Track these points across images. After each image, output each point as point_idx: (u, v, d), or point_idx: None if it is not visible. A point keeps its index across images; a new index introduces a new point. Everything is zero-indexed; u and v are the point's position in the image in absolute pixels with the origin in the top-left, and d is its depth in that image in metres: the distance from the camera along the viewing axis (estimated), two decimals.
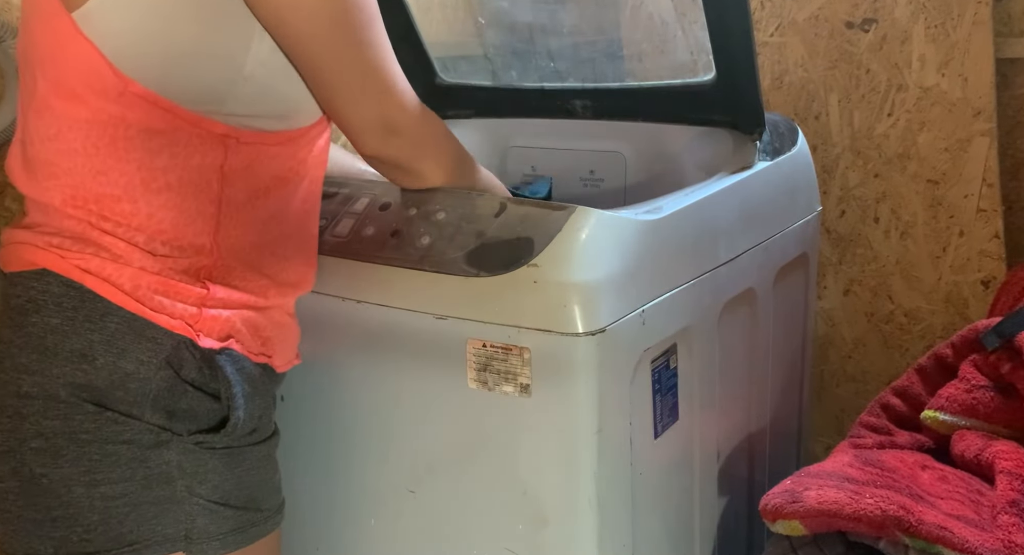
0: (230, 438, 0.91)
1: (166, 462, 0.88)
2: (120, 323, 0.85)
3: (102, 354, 0.85)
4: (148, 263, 0.87)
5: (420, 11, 1.52)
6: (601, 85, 1.48)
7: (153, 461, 0.87)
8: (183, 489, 0.89)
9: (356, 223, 1.08)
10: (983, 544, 0.95)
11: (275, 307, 0.97)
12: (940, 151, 1.59)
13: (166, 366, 0.86)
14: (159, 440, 0.87)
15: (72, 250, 0.86)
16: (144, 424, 0.86)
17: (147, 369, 0.86)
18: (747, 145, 1.28)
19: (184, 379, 0.88)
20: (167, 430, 0.87)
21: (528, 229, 0.98)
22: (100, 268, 0.86)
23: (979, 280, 1.61)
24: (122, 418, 0.86)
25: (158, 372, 0.86)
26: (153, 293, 0.86)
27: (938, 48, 1.56)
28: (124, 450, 0.86)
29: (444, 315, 1.00)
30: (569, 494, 1.00)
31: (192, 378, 0.88)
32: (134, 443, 0.86)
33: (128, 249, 0.86)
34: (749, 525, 1.32)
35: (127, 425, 0.86)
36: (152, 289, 0.86)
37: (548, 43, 1.54)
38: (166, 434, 0.87)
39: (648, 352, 1.03)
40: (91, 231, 0.86)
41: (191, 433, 0.89)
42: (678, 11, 1.50)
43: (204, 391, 0.89)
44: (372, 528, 1.14)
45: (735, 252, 1.18)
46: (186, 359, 0.87)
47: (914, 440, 1.21)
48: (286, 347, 1.00)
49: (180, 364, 0.87)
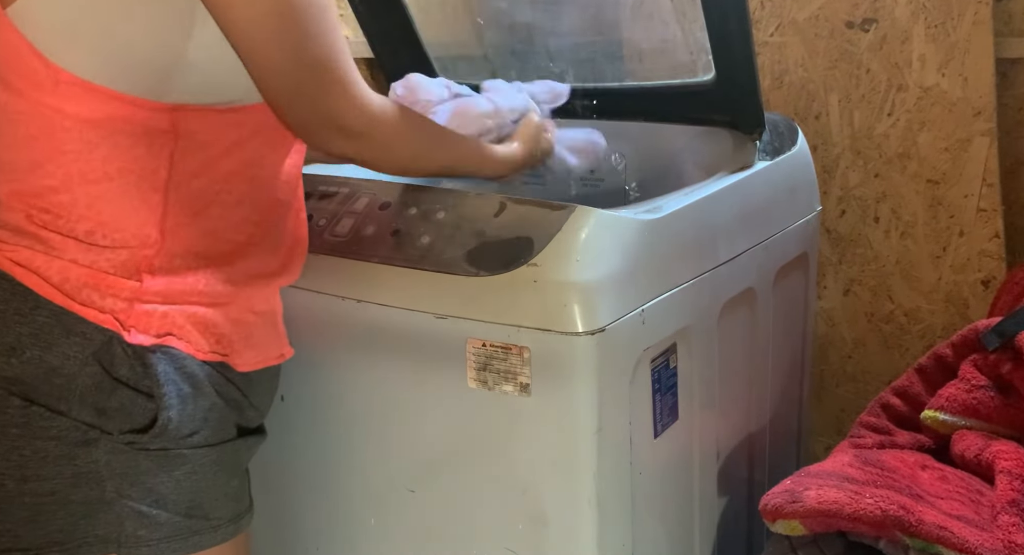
0: (163, 440, 0.87)
1: (95, 461, 0.85)
2: (49, 317, 0.84)
3: (30, 347, 0.83)
4: (80, 256, 0.85)
5: (420, 11, 1.52)
6: (601, 85, 1.48)
7: (81, 459, 0.85)
8: (112, 490, 0.86)
9: (356, 222, 1.08)
10: (983, 544, 0.95)
11: (233, 303, 0.93)
12: (940, 151, 1.59)
13: (94, 362, 0.84)
14: (87, 438, 0.85)
15: (8, 242, 0.85)
16: (71, 421, 0.84)
17: (73, 364, 0.84)
18: (747, 145, 1.28)
19: (114, 376, 0.85)
20: (96, 428, 0.85)
21: (528, 228, 0.98)
22: (30, 260, 0.84)
23: (979, 280, 1.61)
24: (49, 413, 0.84)
25: (84, 368, 0.84)
26: (82, 286, 0.84)
27: (938, 48, 1.56)
28: (52, 447, 0.84)
29: (444, 314, 1.00)
30: (569, 494, 1.00)
31: (123, 375, 0.85)
32: (62, 440, 0.84)
33: (63, 242, 0.85)
34: (749, 525, 1.32)
35: (54, 421, 0.84)
36: (81, 282, 0.84)
37: (548, 43, 1.54)
38: (95, 432, 0.85)
39: (648, 351, 1.03)
40: (29, 224, 0.85)
41: (122, 432, 0.86)
42: (678, 11, 1.50)
43: (136, 389, 0.86)
44: (372, 528, 1.14)
45: (735, 252, 1.18)
46: (117, 355, 0.85)
47: (914, 440, 1.21)
48: (250, 345, 0.95)
49: (111, 360, 0.85)
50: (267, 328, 0.98)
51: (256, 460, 1.03)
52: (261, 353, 0.97)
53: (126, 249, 0.86)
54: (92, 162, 0.84)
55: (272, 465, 1.17)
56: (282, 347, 1.01)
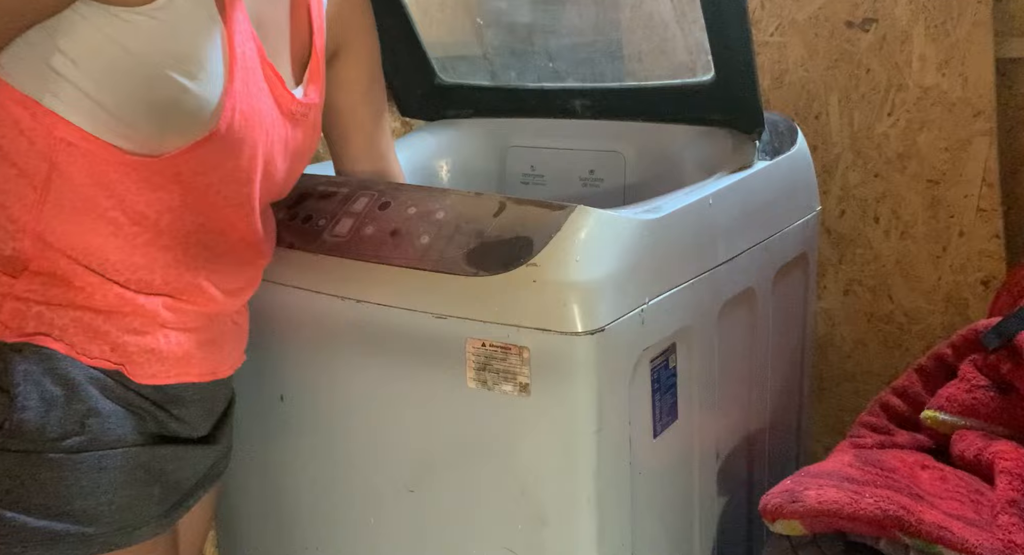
0: (23, 441, 0.82)
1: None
2: None
3: None
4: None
5: (419, 11, 1.52)
6: (601, 85, 1.48)
7: None
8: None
9: (355, 222, 1.08)
10: (983, 544, 0.95)
11: (130, 314, 0.88)
12: (940, 151, 1.59)
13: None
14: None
15: None
16: None
17: None
18: (746, 145, 1.28)
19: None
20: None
21: (527, 228, 0.98)
22: None
23: (979, 280, 1.61)
24: None
25: None
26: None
27: (938, 48, 1.56)
28: None
29: (443, 314, 1.00)
30: (568, 494, 1.00)
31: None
32: None
33: None
34: (749, 525, 1.32)
35: None
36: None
37: (547, 43, 1.54)
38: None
39: (647, 351, 1.03)
40: None
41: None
42: (677, 11, 1.50)
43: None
44: (371, 528, 1.14)
45: (734, 252, 1.18)
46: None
47: (914, 440, 1.21)
48: (157, 359, 0.90)
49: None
50: (188, 343, 0.93)
51: (256, 460, 1.03)
52: (174, 368, 0.93)
53: (6, 238, 0.83)
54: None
55: (272, 465, 1.18)
56: (213, 365, 0.97)
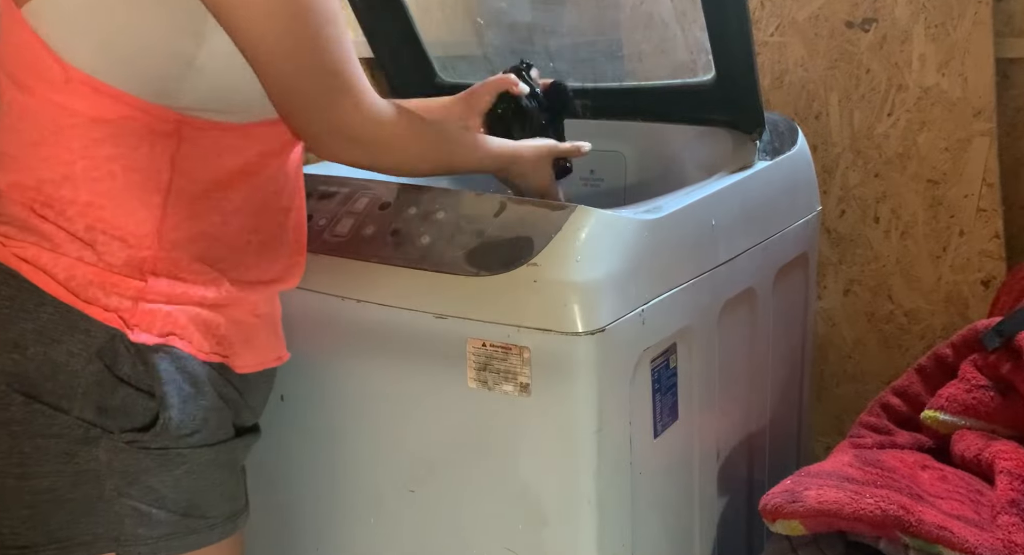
0: (164, 439, 0.87)
1: (95, 459, 0.85)
2: (53, 313, 0.84)
3: (33, 344, 0.83)
4: (86, 254, 0.85)
5: (420, 11, 1.52)
6: (601, 85, 1.48)
7: (82, 457, 0.85)
8: (112, 489, 0.86)
9: (356, 222, 1.08)
10: (983, 544, 0.95)
11: (234, 304, 0.93)
12: (940, 151, 1.59)
13: (97, 359, 0.84)
14: (88, 436, 0.85)
15: (15, 238, 0.85)
16: (73, 419, 0.84)
17: (77, 361, 0.84)
18: (747, 145, 1.28)
19: (116, 374, 0.85)
20: (97, 426, 0.85)
21: (528, 228, 0.98)
22: (36, 257, 0.84)
23: (979, 280, 1.61)
24: (51, 411, 0.84)
25: (88, 365, 0.84)
26: (87, 284, 0.85)
27: (938, 48, 1.56)
28: (53, 444, 0.84)
29: (444, 314, 1.00)
30: (569, 494, 1.00)
31: (125, 374, 0.86)
32: (63, 437, 0.84)
33: (67, 238, 0.85)
34: (749, 525, 1.32)
35: (56, 419, 0.84)
36: (87, 280, 0.85)
37: (548, 43, 1.54)
38: (96, 430, 0.85)
39: (648, 351, 1.03)
40: (33, 218, 0.85)
41: (123, 431, 0.86)
42: (678, 11, 1.50)
43: (138, 388, 0.86)
44: (372, 528, 1.14)
45: (735, 252, 1.18)
46: (120, 354, 0.85)
47: (914, 440, 1.21)
48: (250, 348, 0.95)
49: (113, 358, 0.85)
50: (267, 331, 0.98)
51: (256, 460, 1.03)
52: (260, 355, 0.97)
53: (126, 249, 0.86)
54: (96, 159, 0.84)
55: (272, 465, 1.18)
56: (280, 350, 1.01)
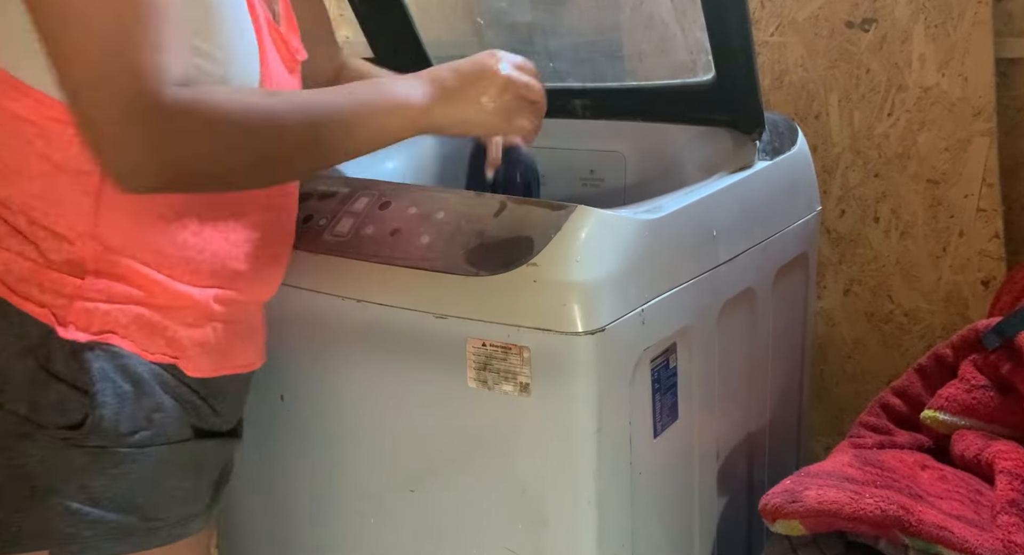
0: (99, 437, 0.86)
1: (28, 455, 0.85)
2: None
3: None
4: (27, 249, 0.84)
5: (420, 11, 1.52)
6: (601, 85, 1.48)
7: (16, 452, 0.84)
8: (44, 486, 0.85)
9: (356, 222, 1.08)
10: (983, 544, 0.95)
11: (184, 308, 0.90)
12: (940, 151, 1.59)
13: (29, 355, 0.84)
14: (22, 431, 0.84)
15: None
16: (6, 413, 0.84)
17: (7, 356, 0.84)
18: (747, 145, 1.28)
19: (50, 371, 0.84)
20: (31, 421, 0.84)
21: (528, 228, 0.98)
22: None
23: (979, 280, 1.61)
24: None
25: (21, 361, 0.84)
26: (22, 279, 0.84)
27: (938, 48, 1.56)
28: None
29: (444, 314, 1.00)
30: (569, 494, 1.00)
31: (59, 371, 0.85)
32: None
33: (8, 232, 0.84)
34: (749, 525, 1.32)
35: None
36: (23, 275, 0.84)
37: (548, 43, 1.54)
38: (30, 425, 0.84)
39: (648, 351, 1.03)
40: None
41: (57, 427, 0.85)
42: (678, 11, 1.51)
43: (73, 385, 0.85)
44: (372, 528, 1.14)
45: (735, 252, 1.18)
46: (54, 350, 0.84)
47: (914, 440, 1.21)
48: (205, 352, 0.93)
49: (47, 355, 0.84)
50: (230, 336, 0.95)
51: (256, 460, 1.04)
52: (219, 360, 0.95)
53: (66, 247, 0.85)
54: (28, 157, 0.83)
55: (272, 465, 1.18)
56: (250, 357, 0.99)
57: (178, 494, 0.93)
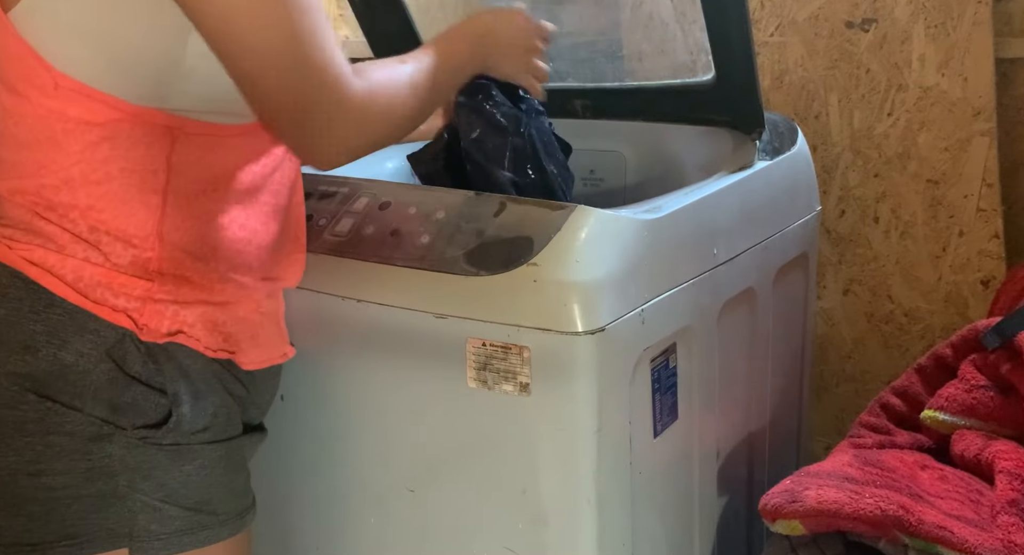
0: (176, 435, 0.89)
1: (108, 455, 0.86)
2: (62, 314, 0.85)
3: (44, 345, 0.84)
4: (92, 255, 0.86)
5: (420, 11, 1.52)
6: (601, 85, 1.48)
7: (95, 454, 0.86)
8: (125, 484, 0.87)
9: (356, 222, 1.08)
10: (983, 544, 0.95)
11: (238, 302, 0.94)
12: (940, 151, 1.59)
13: (107, 358, 0.85)
14: (101, 433, 0.86)
15: (20, 241, 0.86)
16: (85, 416, 0.85)
17: (87, 361, 0.85)
18: (747, 145, 1.28)
19: (127, 373, 0.86)
20: (109, 423, 0.86)
21: (528, 228, 0.98)
22: (43, 259, 0.85)
23: (979, 280, 1.61)
24: (63, 409, 0.85)
25: (99, 364, 0.85)
26: (95, 285, 0.85)
27: (938, 48, 1.56)
28: (66, 441, 0.85)
29: (444, 314, 1.00)
30: (569, 493, 1.00)
31: (136, 372, 0.87)
32: (76, 435, 0.85)
33: (71, 240, 0.85)
34: (749, 525, 1.32)
35: (68, 416, 0.85)
36: (94, 281, 0.85)
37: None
38: (108, 427, 0.86)
39: (648, 351, 1.03)
40: (37, 221, 0.86)
41: (135, 427, 0.87)
42: (677, 11, 1.51)
43: (149, 385, 0.88)
44: (372, 527, 1.14)
45: (735, 252, 1.18)
46: (130, 352, 0.86)
47: (914, 440, 1.21)
48: (256, 345, 0.96)
49: (123, 357, 0.86)
50: (271, 327, 0.99)
51: (256, 460, 1.04)
52: (266, 352, 0.98)
53: (130, 250, 0.87)
54: (93, 162, 0.84)
55: (272, 465, 1.18)
56: (284, 347, 1.02)
57: (236, 488, 0.96)
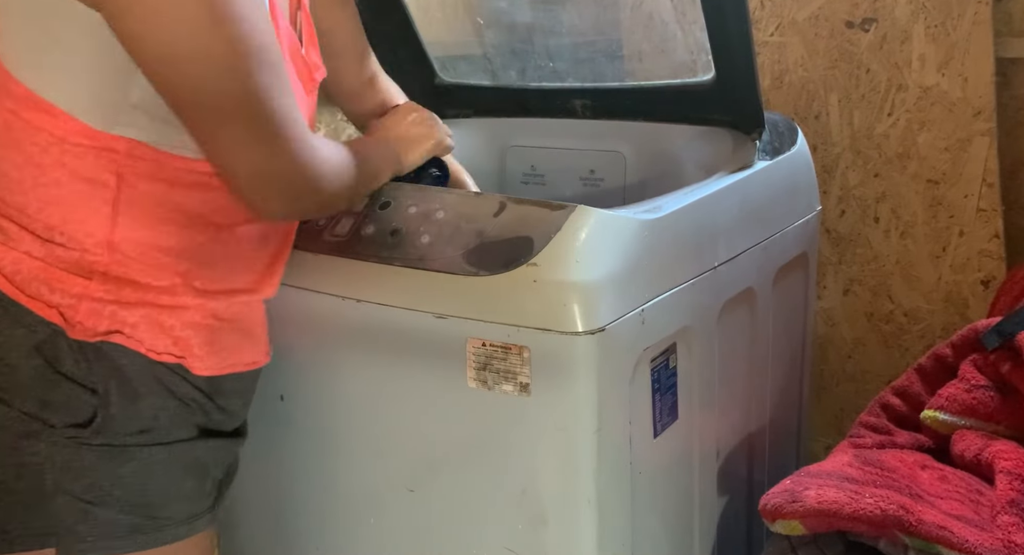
0: (105, 435, 0.87)
1: (36, 453, 0.85)
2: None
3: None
4: (36, 249, 0.85)
5: (419, 11, 1.52)
6: (601, 85, 1.49)
7: (25, 450, 0.85)
8: (52, 483, 0.86)
9: (356, 222, 1.08)
10: (983, 544, 0.95)
11: (191, 308, 0.91)
12: (940, 151, 1.59)
13: (37, 354, 0.85)
14: (30, 429, 0.85)
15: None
16: (15, 412, 0.84)
17: (16, 355, 0.84)
18: (747, 145, 1.28)
19: (58, 370, 0.85)
20: (39, 419, 0.85)
21: (528, 228, 0.98)
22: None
23: (979, 280, 1.61)
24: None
25: (29, 359, 0.84)
26: (32, 279, 0.85)
27: (938, 48, 1.56)
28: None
29: (444, 314, 1.00)
30: (569, 494, 1.00)
31: (67, 370, 0.86)
32: (6, 430, 0.85)
33: (19, 233, 0.85)
34: (749, 525, 1.32)
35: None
36: (32, 275, 0.85)
37: (548, 43, 1.54)
38: (37, 424, 0.85)
39: (648, 351, 1.03)
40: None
41: (65, 426, 0.86)
42: (677, 11, 1.50)
43: (80, 384, 0.86)
44: (372, 527, 1.14)
45: (735, 252, 1.18)
46: (62, 349, 0.85)
47: (914, 440, 1.21)
48: (212, 351, 0.94)
49: (55, 354, 0.85)
50: (235, 335, 0.97)
51: (256, 460, 1.04)
52: (226, 359, 0.96)
53: (79, 251, 0.86)
54: (43, 167, 0.84)
55: (272, 465, 1.18)
56: (255, 355, 1.00)
57: (184, 493, 0.93)
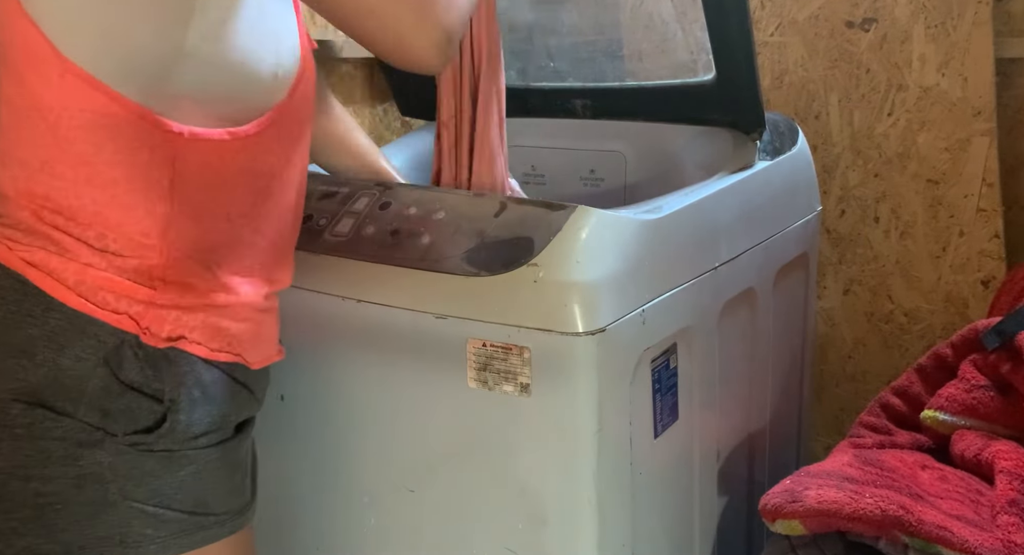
0: (168, 441, 0.88)
1: (98, 462, 0.85)
2: (61, 319, 0.83)
3: (42, 350, 0.83)
4: (95, 260, 0.85)
5: None
6: (601, 85, 1.48)
7: (85, 460, 0.85)
8: (116, 492, 0.86)
9: (356, 222, 1.08)
10: (983, 544, 0.95)
11: (240, 305, 0.93)
12: (940, 151, 1.60)
13: (103, 364, 0.85)
14: (92, 439, 0.85)
15: (21, 242, 0.85)
16: (77, 422, 0.84)
17: (84, 366, 0.84)
18: (747, 145, 1.28)
19: (122, 379, 0.85)
20: (100, 429, 0.85)
21: (528, 228, 0.98)
22: (45, 262, 0.84)
23: (979, 280, 1.61)
24: (54, 415, 0.84)
25: (95, 370, 0.84)
26: (97, 289, 0.84)
27: (938, 48, 1.56)
28: (56, 447, 0.84)
29: (444, 314, 1.00)
30: (569, 494, 1.00)
31: (131, 378, 0.86)
32: (66, 440, 0.84)
33: (75, 244, 0.84)
34: (749, 525, 1.32)
35: (59, 422, 0.84)
36: (97, 285, 0.84)
37: (548, 43, 1.54)
38: (99, 433, 0.85)
39: (648, 352, 1.03)
40: (41, 225, 0.84)
41: (126, 434, 0.86)
42: (678, 11, 1.50)
43: (144, 392, 0.87)
44: (372, 527, 1.14)
45: (735, 252, 1.18)
46: (126, 358, 0.85)
47: (914, 440, 1.21)
48: (258, 344, 0.96)
49: (120, 363, 0.85)
50: (270, 326, 0.99)
51: (256, 459, 1.03)
52: (266, 350, 0.98)
53: (136, 257, 0.86)
54: (98, 166, 0.83)
55: (271, 464, 1.17)
56: (277, 342, 1.02)
57: (233, 487, 0.96)
